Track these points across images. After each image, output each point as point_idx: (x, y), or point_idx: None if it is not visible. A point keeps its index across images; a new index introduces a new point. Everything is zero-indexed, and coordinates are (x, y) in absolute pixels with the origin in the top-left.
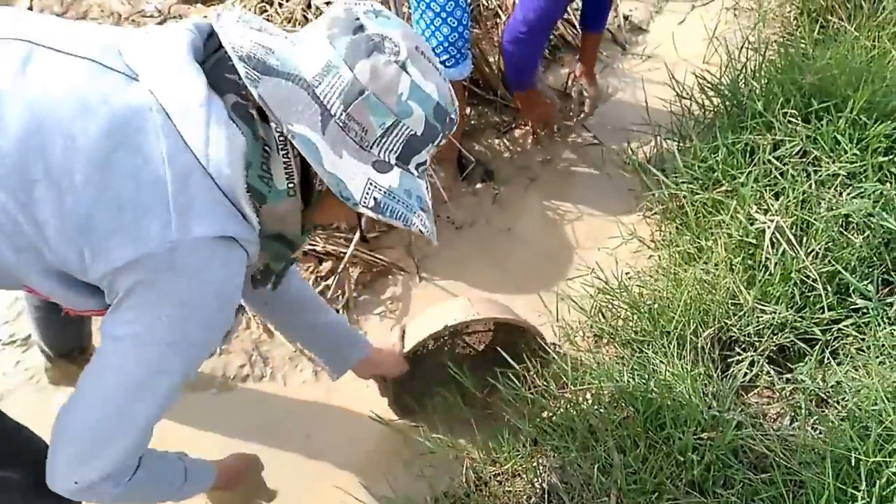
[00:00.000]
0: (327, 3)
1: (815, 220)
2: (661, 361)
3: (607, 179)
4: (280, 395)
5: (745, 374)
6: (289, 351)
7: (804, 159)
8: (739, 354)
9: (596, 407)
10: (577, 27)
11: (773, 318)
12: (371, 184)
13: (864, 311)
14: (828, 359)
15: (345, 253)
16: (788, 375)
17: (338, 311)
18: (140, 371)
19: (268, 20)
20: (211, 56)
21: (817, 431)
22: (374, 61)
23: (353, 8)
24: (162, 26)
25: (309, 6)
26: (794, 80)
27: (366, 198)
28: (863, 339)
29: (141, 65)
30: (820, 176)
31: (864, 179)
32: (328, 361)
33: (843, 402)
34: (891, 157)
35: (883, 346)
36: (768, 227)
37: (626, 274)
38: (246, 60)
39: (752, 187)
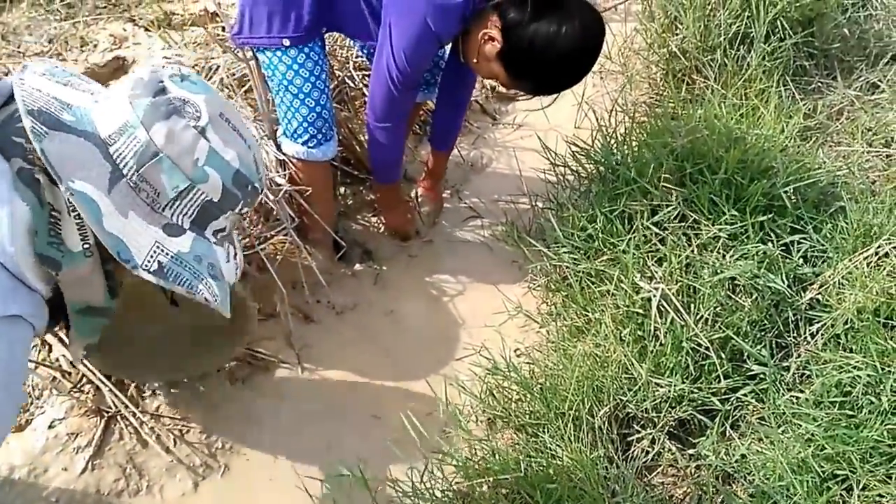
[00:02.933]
0: None
1: (700, 285)
2: (558, 446)
3: (489, 252)
4: None
5: (647, 452)
6: (165, 462)
7: (683, 223)
8: (639, 432)
9: (493, 502)
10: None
11: (670, 391)
12: (158, 246)
13: (761, 377)
14: (729, 431)
15: None
16: (691, 451)
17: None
18: None
19: None
20: (1, 110)
21: None
22: (172, 124)
23: (160, 71)
24: None
25: None
26: (666, 143)
27: (149, 261)
28: (763, 408)
29: None
30: (701, 239)
31: (745, 241)
32: None
33: (750, 478)
34: (770, 215)
35: (783, 413)
36: (654, 296)
37: (516, 351)
38: (35, 115)
39: (634, 255)
